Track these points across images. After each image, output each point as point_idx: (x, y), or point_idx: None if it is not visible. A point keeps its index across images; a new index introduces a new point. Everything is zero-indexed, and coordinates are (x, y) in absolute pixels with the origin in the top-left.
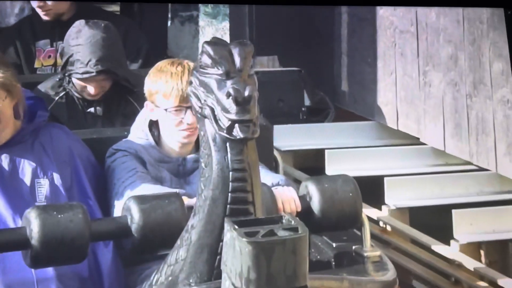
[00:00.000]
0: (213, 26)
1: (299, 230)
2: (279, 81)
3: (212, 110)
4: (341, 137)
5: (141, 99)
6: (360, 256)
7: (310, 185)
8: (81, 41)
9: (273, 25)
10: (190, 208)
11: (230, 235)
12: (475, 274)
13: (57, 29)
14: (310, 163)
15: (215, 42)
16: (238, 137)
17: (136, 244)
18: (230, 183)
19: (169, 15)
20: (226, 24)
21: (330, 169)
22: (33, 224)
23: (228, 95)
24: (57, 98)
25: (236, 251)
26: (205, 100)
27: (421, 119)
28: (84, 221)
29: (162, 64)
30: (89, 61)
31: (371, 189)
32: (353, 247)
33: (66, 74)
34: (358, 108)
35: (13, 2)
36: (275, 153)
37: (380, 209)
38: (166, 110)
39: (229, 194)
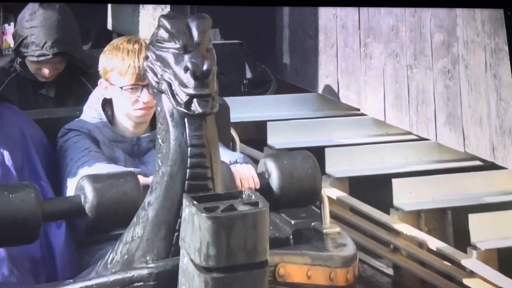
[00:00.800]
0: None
1: (259, 204)
2: (220, 54)
3: (169, 84)
4: (283, 109)
5: (94, 80)
6: (319, 233)
7: (269, 162)
8: (36, 23)
9: None
10: (146, 187)
11: (189, 210)
12: (414, 241)
13: (3, 12)
14: (252, 135)
15: (172, 16)
16: (196, 112)
17: (90, 224)
18: (189, 159)
19: None
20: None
21: (272, 141)
22: None
23: (186, 69)
24: (7, 78)
25: (195, 227)
26: (162, 75)
27: (361, 90)
28: (36, 200)
29: (118, 41)
30: (45, 43)
31: None
32: (312, 224)
33: (19, 56)
34: (300, 80)
35: None
36: (232, 131)
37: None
38: (121, 88)
39: (188, 170)
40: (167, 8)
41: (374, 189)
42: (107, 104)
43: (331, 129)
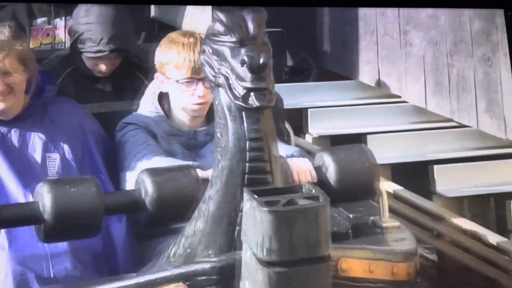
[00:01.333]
0: None
1: (320, 198)
2: None
3: (227, 78)
4: (323, 96)
5: (149, 74)
6: (378, 227)
7: (326, 156)
8: (92, 19)
9: None
10: (204, 180)
11: (250, 204)
12: (457, 227)
13: (53, 7)
14: (293, 122)
15: (228, 9)
16: (254, 106)
17: (150, 217)
18: (247, 153)
19: None
20: None
21: (313, 128)
22: (45, 198)
23: (243, 62)
24: (64, 73)
25: (256, 221)
26: (218, 69)
27: (402, 78)
28: (97, 194)
29: (173, 35)
30: (101, 39)
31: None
32: (371, 218)
33: (76, 51)
34: (340, 67)
35: None
36: (286, 124)
37: None
38: (177, 81)
39: (247, 163)
40: None
41: (416, 175)
42: (163, 98)
43: (372, 116)
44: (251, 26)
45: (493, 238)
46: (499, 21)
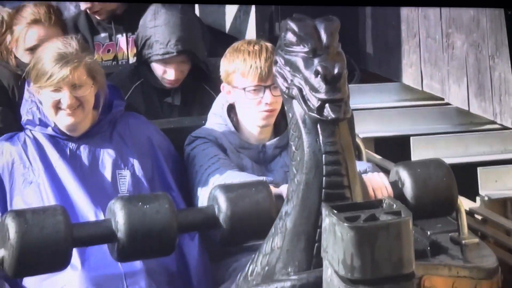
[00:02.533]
0: None
1: (402, 213)
2: None
3: (300, 90)
4: (367, 98)
5: (216, 87)
6: (457, 244)
7: (402, 171)
8: (159, 22)
9: None
10: (278, 197)
11: (329, 220)
12: (501, 228)
13: (114, 23)
14: None
15: (299, 19)
16: (329, 118)
17: (224, 235)
18: (324, 167)
19: None
20: None
21: (356, 130)
22: (118, 216)
23: (317, 73)
24: (133, 87)
25: (337, 238)
26: (291, 80)
27: (445, 80)
28: (171, 211)
29: (238, 43)
30: (169, 41)
31: (397, 148)
32: (450, 235)
33: (144, 59)
34: (383, 70)
35: None
36: (358, 139)
37: None
38: (244, 89)
39: (324, 178)
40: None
41: (459, 177)
42: (231, 111)
43: (415, 119)
44: (324, 35)
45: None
46: None
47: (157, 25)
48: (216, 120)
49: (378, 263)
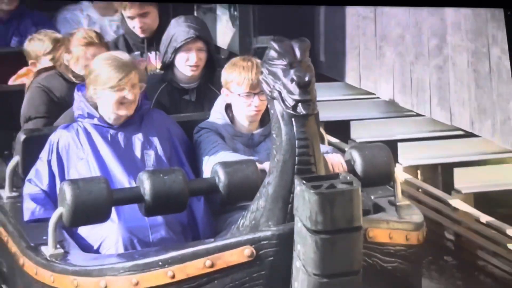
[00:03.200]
0: (227, 15)
1: (353, 183)
2: None
3: (280, 93)
4: (320, 93)
5: (219, 88)
6: (393, 205)
7: (354, 152)
8: (180, 22)
9: (271, 13)
10: (262, 170)
11: (300, 188)
12: (414, 186)
13: (146, 43)
14: None
15: (280, 39)
16: (301, 113)
17: (223, 198)
18: (297, 149)
19: (195, 7)
20: (236, 13)
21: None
22: (145, 184)
23: (292, 80)
24: (160, 88)
25: (305, 200)
26: (273, 86)
27: (377, 81)
28: (184, 181)
29: (235, 59)
30: (189, 31)
31: (340, 129)
32: (388, 198)
33: (169, 60)
34: (332, 72)
35: (111, 23)
36: (321, 129)
37: (346, 142)
38: (239, 95)
39: (296, 157)
40: (237, 21)
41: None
42: (228, 108)
43: (355, 108)
44: (298, 52)
45: (438, 193)
46: (449, 39)
47: (179, 25)
48: (216, 115)
49: (336, 218)
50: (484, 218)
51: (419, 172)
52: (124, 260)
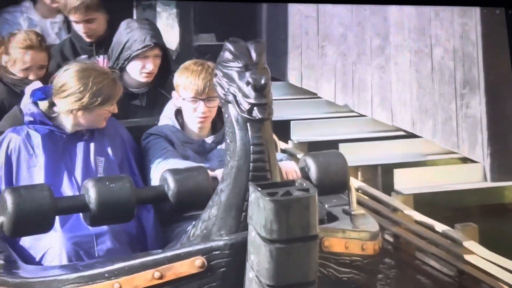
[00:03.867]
0: (167, 12)
1: (310, 190)
2: (215, 53)
3: (235, 96)
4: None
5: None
6: (347, 214)
7: (308, 159)
8: (134, 27)
9: (212, 10)
10: (214, 178)
11: (255, 195)
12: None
13: (94, 46)
14: None
15: (235, 41)
16: (257, 118)
17: (173, 207)
18: (251, 155)
19: (134, 3)
20: (176, 10)
21: None
22: (90, 192)
23: (248, 83)
24: None
25: (260, 208)
26: (228, 89)
27: (318, 80)
28: (131, 188)
29: (187, 63)
30: (145, 38)
31: (280, 129)
32: (342, 207)
33: (120, 64)
34: (273, 72)
35: (53, 25)
36: (274, 136)
37: (287, 142)
38: (184, 99)
39: (251, 163)
40: (176, 19)
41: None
42: (179, 114)
43: (296, 107)
44: (253, 54)
45: (377, 194)
46: (392, 38)
47: (132, 30)
48: (166, 121)
49: (291, 227)
50: (424, 219)
51: (359, 173)
52: (68, 271)
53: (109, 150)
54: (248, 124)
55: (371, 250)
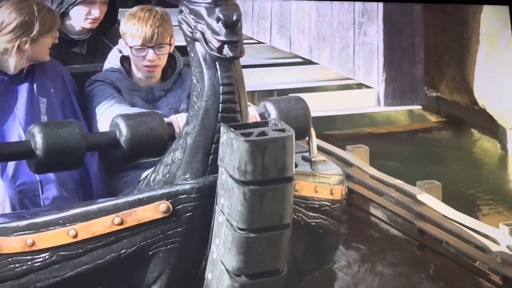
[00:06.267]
0: None
1: (286, 130)
2: None
3: (203, 34)
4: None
5: (113, 40)
6: (308, 161)
7: (268, 105)
8: None
9: None
10: (168, 124)
11: (227, 136)
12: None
13: None
14: None
15: None
16: (228, 56)
17: (125, 154)
18: (221, 95)
19: None
20: None
21: None
22: (37, 137)
23: (218, 19)
24: None
25: (234, 149)
26: (195, 26)
27: None
28: (81, 134)
29: (134, 9)
30: None
31: None
32: (301, 154)
33: (67, 4)
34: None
35: None
36: None
37: None
38: (131, 48)
39: (220, 104)
40: None
41: None
42: (124, 60)
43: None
44: None
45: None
46: None
47: None
48: (111, 67)
49: (266, 168)
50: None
51: (255, 96)
52: (14, 219)
53: (50, 89)
54: (217, 63)
55: (339, 195)
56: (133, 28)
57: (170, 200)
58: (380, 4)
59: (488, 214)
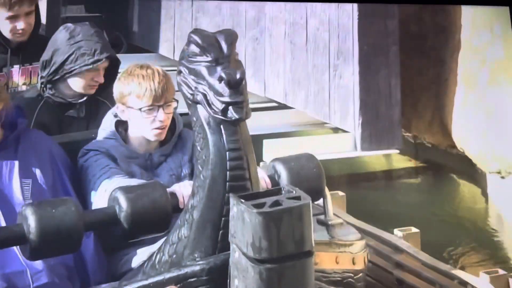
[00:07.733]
0: None
1: (302, 198)
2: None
3: (205, 95)
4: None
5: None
6: (324, 224)
7: (277, 165)
8: (80, 38)
9: None
10: (171, 194)
11: (237, 208)
12: None
13: (9, 54)
14: None
15: (200, 31)
16: (234, 118)
17: (126, 231)
18: (228, 162)
19: None
20: None
21: None
22: (30, 220)
23: (220, 79)
24: (38, 108)
25: (245, 223)
26: (196, 87)
27: None
28: (77, 213)
29: (130, 68)
30: (95, 51)
31: None
32: (316, 217)
33: (64, 73)
34: (145, 43)
35: None
36: None
37: None
38: (140, 109)
39: (227, 172)
40: None
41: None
42: (119, 125)
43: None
44: (224, 45)
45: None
46: (267, 10)
47: (78, 41)
48: (105, 134)
49: (283, 243)
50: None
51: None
52: None
53: (36, 169)
54: (222, 126)
55: (362, 263)
56: (139, 88)
57: (179, 285)
58: (356, 45)
59: (468, 262)
